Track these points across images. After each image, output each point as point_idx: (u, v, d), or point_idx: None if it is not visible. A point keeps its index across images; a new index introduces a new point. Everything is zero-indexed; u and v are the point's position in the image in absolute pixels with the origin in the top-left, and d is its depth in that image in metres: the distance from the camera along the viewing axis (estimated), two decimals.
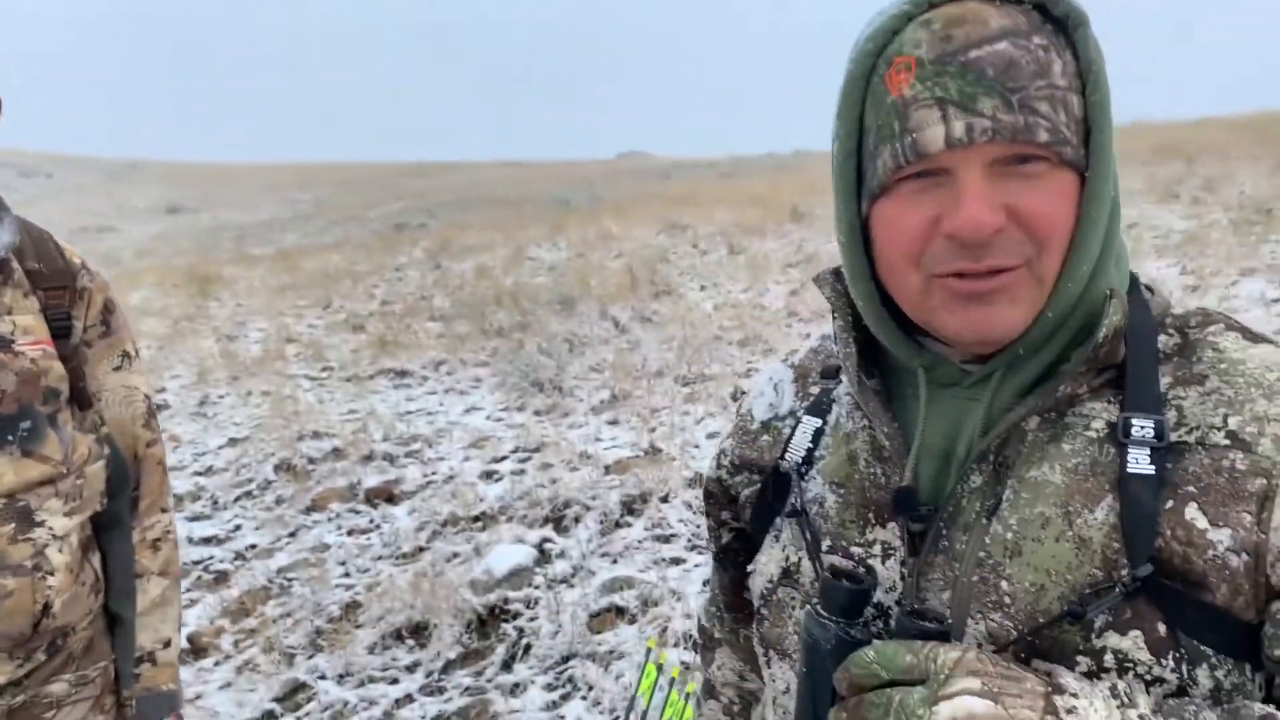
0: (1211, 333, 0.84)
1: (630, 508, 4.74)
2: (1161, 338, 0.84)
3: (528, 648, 3.83)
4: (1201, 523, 0.73)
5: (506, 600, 4.10)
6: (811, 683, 0.81)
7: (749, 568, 1.02)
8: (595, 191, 28.84)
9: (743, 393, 6.39)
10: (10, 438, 1.48)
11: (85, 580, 1.60)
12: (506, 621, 4.01)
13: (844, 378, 0.94)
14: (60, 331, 1.58)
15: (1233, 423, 0.76)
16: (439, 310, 10.50)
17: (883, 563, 0.86)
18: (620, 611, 3.91)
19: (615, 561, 4.30)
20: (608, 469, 5.25)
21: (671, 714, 2.52)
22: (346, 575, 4.61)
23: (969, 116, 0.75)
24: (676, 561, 4.22)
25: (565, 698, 3.54)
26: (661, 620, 3.76)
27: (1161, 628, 0.73)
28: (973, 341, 0.81)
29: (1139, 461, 0.76)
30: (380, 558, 4.73)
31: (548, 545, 4.52)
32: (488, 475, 5.51)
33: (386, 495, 5.36)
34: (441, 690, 3.72)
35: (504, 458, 5.75)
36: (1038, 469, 0.80)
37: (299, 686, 3.82)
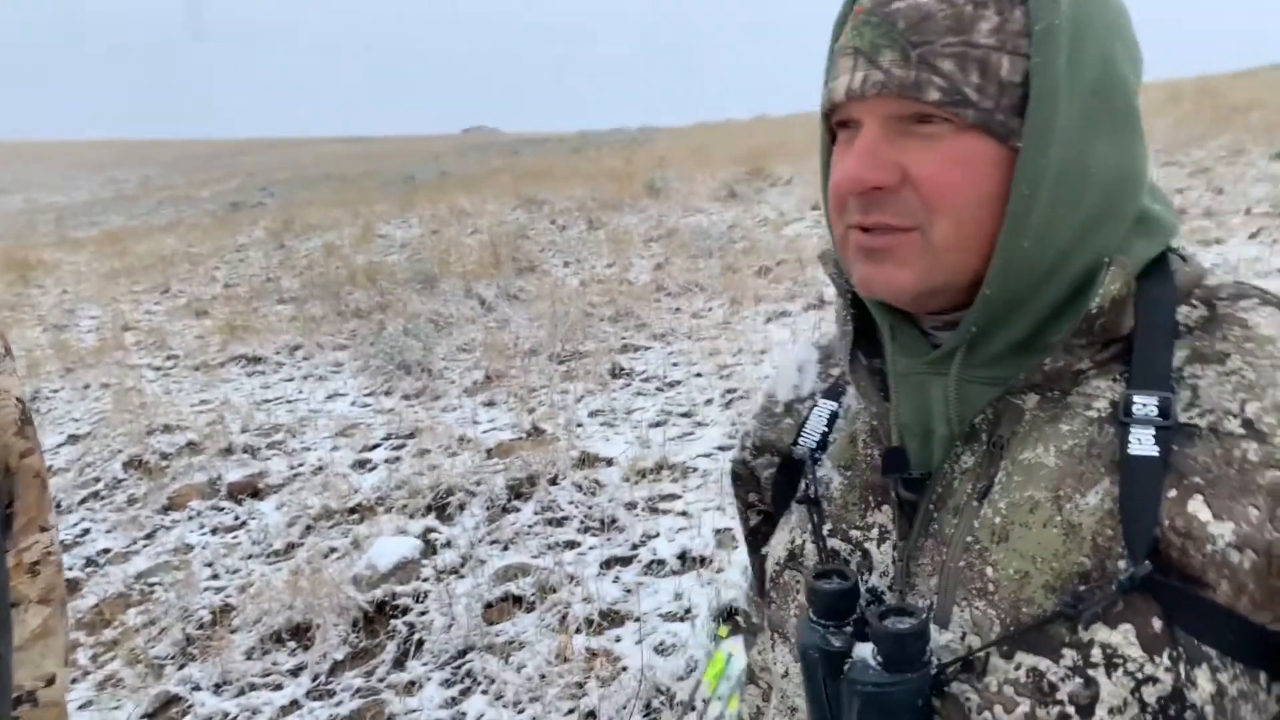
0: (1243, 307, 0.77)
1: (517, 492, 4.61)
2: (1183, 309, 0.78)
3: (420, 643, 3.67)
4: (1204, 514, 0.68)
5: (394, 595, 3.91)
6: (812, 688, 0.80)
7: (763, 550, 1.00)
8: (441, 167, 28.12)
9: (621, 369, 6.33)
10: None
11: None
12: (395, 618, 3.83)
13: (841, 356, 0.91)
14: None
15: (1250, 410, 0.70)
16: (288, 292, 10.02)
17: (878, 547, 0.84)
18: (517, 600, 3.79)
19: (506, 548, 4.17)
20: (489, 452, 5.10)
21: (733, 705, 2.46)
22: (215, 577, 4.31)
23: (869, 68, 0.74)
24: (571, 545, 4.12)
25: (465, 693, 3.41)
26: (561, 607, 3.67)
27: (1157, 623, 0.68)
28: (870, 296, 0.80)
29: (1142, 442, 0.71)
30: (251, 556, 4.45)
31: (432, 535, 4.34)
32: (360, 465, 5.27)
33: (251, 490, 5.06)
34: (330, 694, 3.53)
35: (376, 445, 5.51)
36: (1031, 450, 0.76)
37: (171, 700, 3.55)
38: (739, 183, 13.14)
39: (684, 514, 4.25)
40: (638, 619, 3.58)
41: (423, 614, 3.82)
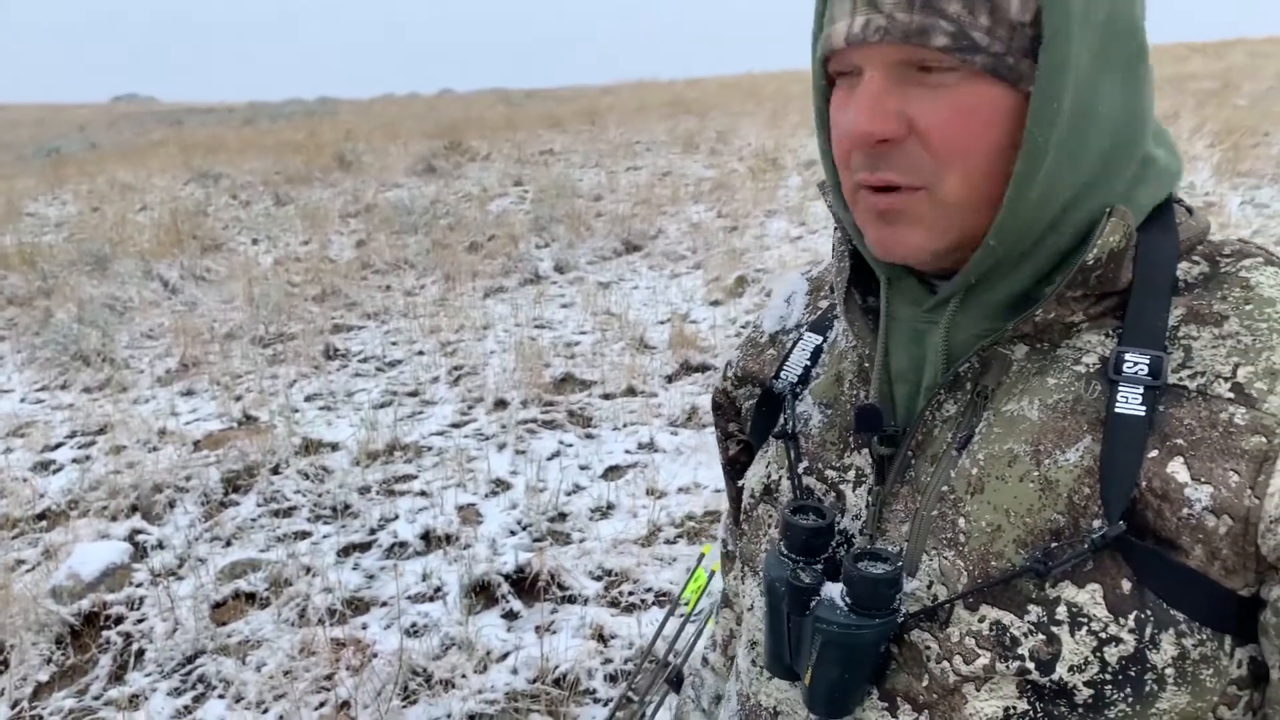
0: (1246, 266, 0.73)
1: (234, 484, 4.31)
2: (1183, 265, 0.75)
3: (140, 653, 3.36)
4: (1183, 476, 0.66)
5: (104, 604, 3.54)
6: (774, 621, 0.80)
7: (739, 482, 0.98)
8: (90, 138, 25.30)
9: (336, 350, 6.06)
10: None
11: None
12: (108, 628, 3.48)
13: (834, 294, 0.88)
14: None
15: (1242, 374, 0.67)
16: None
17: (853, 490, 0.82)
18: (249, 597, 3.56)
19: (229, 544, 3.90)
20: (197, 445, 4.72)
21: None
22: None
23: (870, 11, 0.69)
24: (302, 535, 3.92)
25: (199, 699, 3.16)
26: (299, 599, 3.49)
27: (1126, 585, 0.67)
28: (886, 260, 0.77)
29: (1129, 401, 0.69)
30: None
31: (141, 537, 3.97)
32: (42, 466, 4.70)
33: None
34: (38, 719, 3.15)
35: (59, 445, 4.93)
36: (1016, 402, 0.74)
37: None
38: (436, 157, 12.90)
39: (423, 494, 4.17)
40: (384, 604, 3.49)
41: (140, 621, 3.49)
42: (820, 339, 0.93)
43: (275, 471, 4.37)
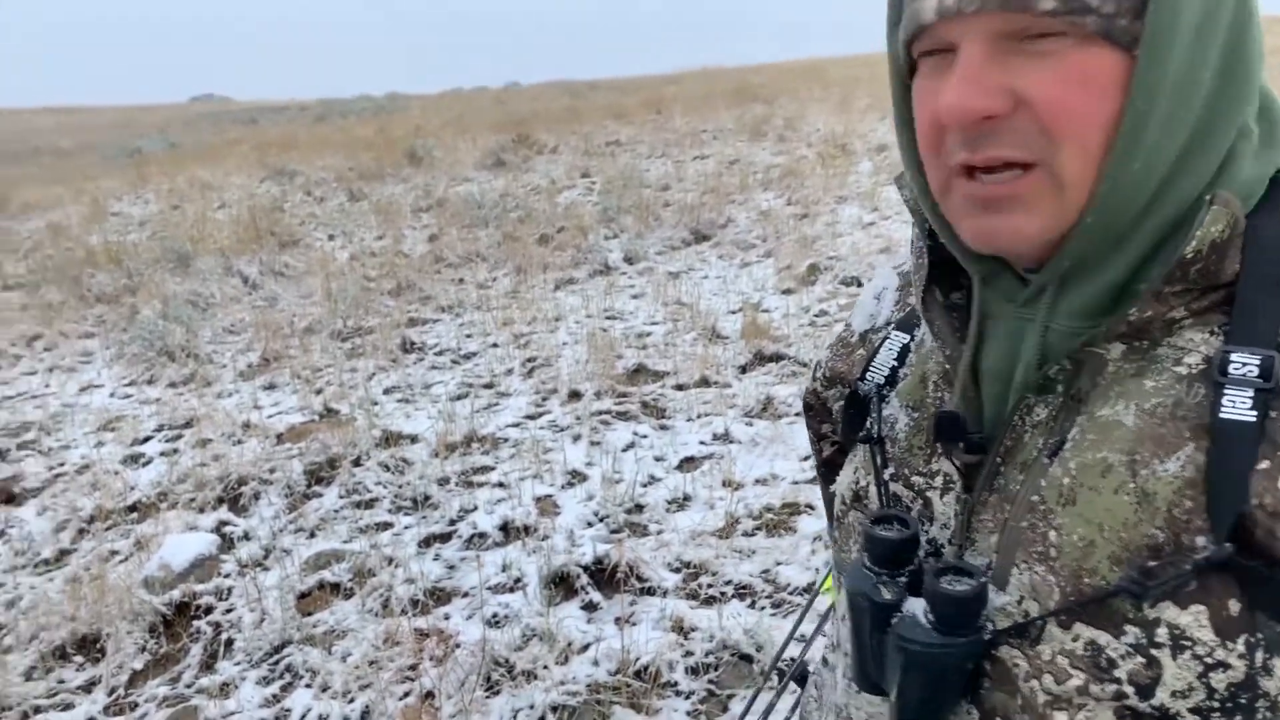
0: None
1: (317, 476, 4.39)
2: None
3: (230, 642, 3.44)
4: None
5: (194, 595, 3.64)
6: (858, 636, 0.77)
7: (831, 488, 0.94)
8: (170, 138, 26.00)
9: (412, 343, 6.14)
10: None
11: None
12: (198, 618, 3.57)
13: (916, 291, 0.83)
14: None
15: None
16: (14, 278, 8.99)
17: (941, 497, 0.78)
18: (333, 588, 3.62)
19: (313, 536, 3.97)
20: (280, 437, 4.81)
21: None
22: None
23: None
24: (384, 526, 3.98)
25: (286, 688, 3.23)
26: (382, 590, 3.54)
27: (1235, 606, 0.61)
28: (988, 251, 0.72)
29: (1236, 405, 0.62)
30: (15, 568, 3.99)
31: (228, 529, 4.06)
32: (132, 459, 4.83)
33: (6, 495, 4.53)
34: (133, 706, 3.24)
35: (148, 438, 5.07)
36: (1110, 407, 0.68)
37: None
38: (505, 151, 12.99)
39: (500, 485, 4.20)
40: (466, 594, 3.52)
41: (228, 611, 3.58)
42: (907, 337, 0.89)
43: (356, 463, 4.43)
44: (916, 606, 0.72)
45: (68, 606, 3.57)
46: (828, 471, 1.03)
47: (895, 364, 0.88)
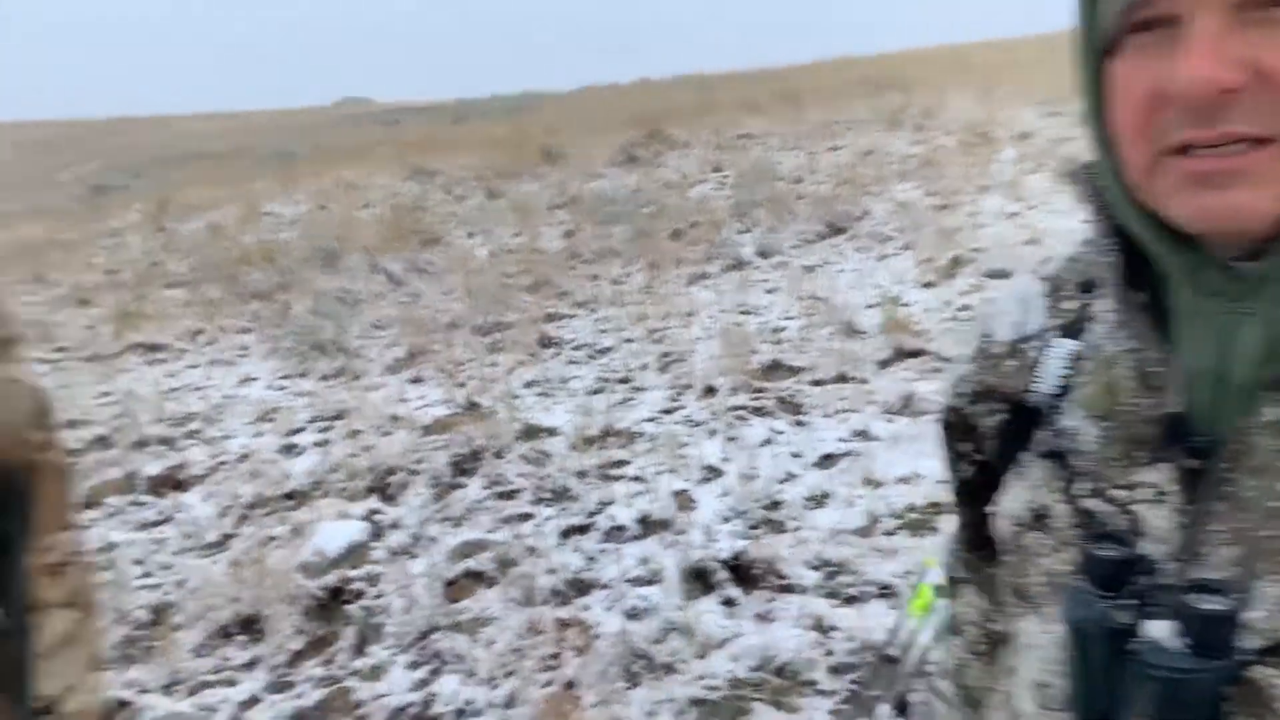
0: None
1: (462, 468, 4.51)
2: None
3: (379, 627, 3.57)
4: None
5: (346, 580, 3.79)
6: (1083, 665, 0.72)
7: (989, 509, 0.90)
8: (317, 141, 27.19)
9: (550, 338, 6.25)
10: None
11: None
12: (350, 603, 3.72)
13: (1104, 291, 0.79)
14: None
15: None
16: (178, 276, 9.55)
17: (1152, 509, 0.73)
18: (477, 576, 3.72)
19: (458, 525, 4.08)
20: (427, 429, 4.97)
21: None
22: (148, 575, 4.10)
23: None
24: (525, 517, 4.06)
25: (434, 673, 3.33)
26: (524, 579, 3.61)
27: None
28: (1208, 233, 0.67)
29: None
30: (183, 551, 4.24)
31: (378, 517, 4.22)
32: (288, 449, 5.07)
33: (173, 483, 4.82)
34: (290, 685, 3.40)
35: (301, 429, 5.31)
36: None
37: (118, 706, 3.37)
38: (636, 146, 13.08)
39: (637, 479, 4.23)
40: (605, 586, 3.56)
41: (379, 597, 3.71)
42: (1075, 345, 0.83)
43: (498, 456, 4.54)
44: (1158, 629, 0.67)
45: (232, 588, 3.78)
46: (967, 492, 0.97)
47: (1065, 372, 0.82)
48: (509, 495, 4.25)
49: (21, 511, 1.37)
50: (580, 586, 3.58)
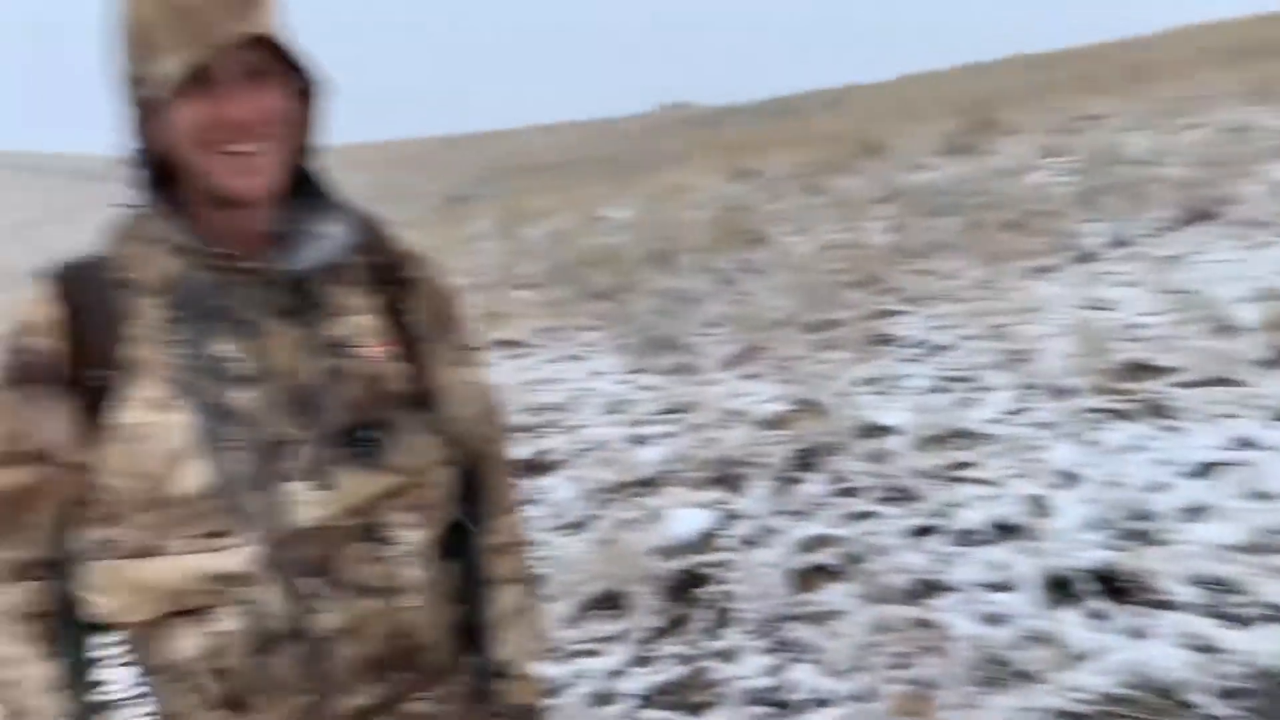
0: None
1: (801, 463, 4.61)
2: None
3: (731, 612, 3.74)
4: None
5: (699, 565, 4.00)
6: None
7: None
8: (645, 146, 28.53)
9: (882, 335, 6.22)
10: (354, 449, 1.37)
11: (439, 595, 1.50)
12: (700, 587, 3.92)
13: None
14: (398, 329, 1.47)
15: None
16: (528, 278, 10.39)
17: None
18: (825, 570, 3.80)
19: (802, 519, 4.18)
20: (764, 424, 5.12)
21: None
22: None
23: None
24: (868, 515, 4.09)
25: (788, 661, 3.44)
26: (870, 576, 3.64)
27: None
28: None
29: None
30: (551, 529, 4.65)
31: (724, 506, 4.41)
32: (637, 439, 5.41)
33: (539, 466, 5.29)
34: (650, 660, 3.64)
35: (648, 420, 5.64)
36: None
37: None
38: (963, 134, 12.61)
39: (985, 481, 4.13)
40: (955, 589, 3.52)
41: (729, 583, 3.88)
42: None
43: (837, 452, 4.59)
44: None
45: (595, 566, 4.09)
46: None
47: None
48: (850, 492, 4.28)
49: (478, 498, 1.60)
50: (930, 587, 3.55)
